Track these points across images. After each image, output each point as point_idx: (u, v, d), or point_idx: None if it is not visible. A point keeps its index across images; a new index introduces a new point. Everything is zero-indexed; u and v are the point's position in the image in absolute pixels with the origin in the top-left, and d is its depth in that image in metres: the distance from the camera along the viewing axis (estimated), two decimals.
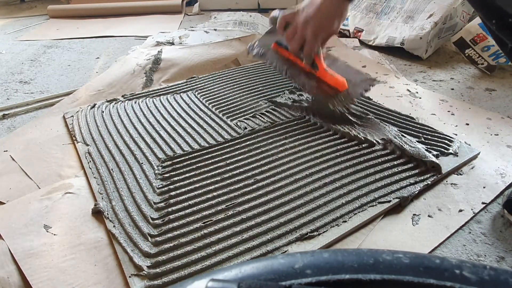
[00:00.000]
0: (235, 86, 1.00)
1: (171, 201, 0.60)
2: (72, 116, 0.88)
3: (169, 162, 0.69)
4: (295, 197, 0.61)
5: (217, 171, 0.67)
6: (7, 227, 0.58)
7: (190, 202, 0.60)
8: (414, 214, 0.60)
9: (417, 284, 0.17)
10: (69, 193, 0.65)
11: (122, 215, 0.59)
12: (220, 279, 0.18)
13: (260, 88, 0.98)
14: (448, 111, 0.88)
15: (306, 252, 0.19)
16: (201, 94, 0.96)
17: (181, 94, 0.97)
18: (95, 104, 0.92)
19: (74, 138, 0.80)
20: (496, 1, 0.45)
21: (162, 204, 0.60)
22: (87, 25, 1.65)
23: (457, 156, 0.70)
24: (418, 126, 0.78)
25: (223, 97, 0.94)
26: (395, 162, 0.68)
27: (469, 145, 0.74)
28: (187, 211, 0.58)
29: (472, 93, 0.98)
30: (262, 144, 0.73)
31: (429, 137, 0.75)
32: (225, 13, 1.75)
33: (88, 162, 0.72)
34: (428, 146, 0.71)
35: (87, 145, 0.77)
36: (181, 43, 1.26)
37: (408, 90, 0.98)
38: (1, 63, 1.27)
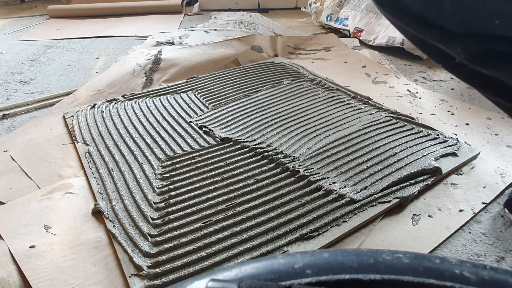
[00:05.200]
0: (235, 86, 1.00)
1: (171, 201, 0.60)
2: (72, 116, 0.88)
3: (169, 162, 0.69)
4: (295, 197, 0.61)
5: (217, 171, 0.67)
6: (7, 227, 0.58)
7: (190, 202, 0.60)
8: (414, 214, 0.60)
9: (417, 284, 0.17)
10: (69, 193, 0.65)
11: (122, 215, 0.59)
12: (220, 279, 0.18)
13: (260, 88, 0.98)
14: (448, 111, 0.88)
15: (306, 252, 0.19)
16: (201, 94, 0.96)
17: (181, 94, 0.97)
18: (95, 104, 0.92)
19: (74, 138, 0.80)
20: (438, 45, 0.40)
21: (162, 204, 0.60)
22: (87, 25, 1.65)
23: (457, 156, 0.70)
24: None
25: (223, 97, 0.94)
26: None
27: (469, 145, 0.74)
28: (187, 211, 0.58)
29: (472, 93, 0.98)
30: (262, 144, 0.73)
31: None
32: (225, 13, 1.75)
33: (88, 162, 0.72)
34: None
35: (87, 145, 0.77)
36: (181, 43, 1.26)
37: (408, 90, 0.98)
38: (1, 63, 1.27)
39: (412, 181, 0.64)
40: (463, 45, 0.36)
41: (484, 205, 0.61)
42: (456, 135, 0.78)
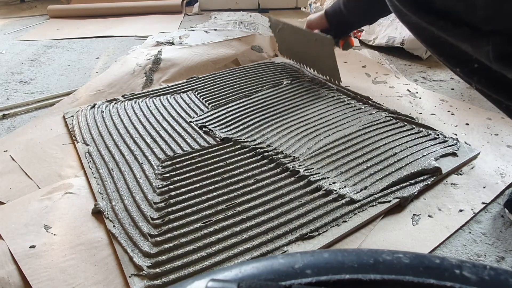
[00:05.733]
0: (235, 86, 1.00)
1: (171, 201, 0.60)
2: (72, 116, 0.88)
3: (169, 162, 0.69)
4: (295, 197, 0.61)
5: (217, 171, 0.67)
6: (7, 227, 0.58)
7: (190, 202, 0.60)
8: (414, 214, 0.60)
9: (417, 284, 0.17)
10: (69, 193, 0.65)
11: (122, 215, 0.59)
12: (220, 279, 0.18)
13: (260, 88, 0.98)
14: (448, 111, 0.88)
15: (306, 252, 0.19)
16: (201, 94, 0.96)
17: (181, 94, 0.97)
18: (95, 104, 0.92)
19: (74, 138, 0.80)
20: (462, 47, 0.38)
21: (162, 204, 0.60)
22: (87, 25, 1.65)
23: (457, 156, 0.70)
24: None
25: (223, 97, 0.94)
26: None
27: (469, 145, 0.74)
28: (187, 211, 0.58)
29: (472, 93, 0.98)
30: (262, 144, 0.73)
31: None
32: (225, 13, 1.75)
33: (88, 162, 0.72)
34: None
35: (87, 145, 0.77)
36: (181, 43, 1.26)
37: (408, 90, 0.98)
38: (1, 63, 1.27)
39: (412, 181, 0.64)
40: (493, 44, 0.34)
41: (484, 205, 0.61)
42: (456, 135, 0.78)
